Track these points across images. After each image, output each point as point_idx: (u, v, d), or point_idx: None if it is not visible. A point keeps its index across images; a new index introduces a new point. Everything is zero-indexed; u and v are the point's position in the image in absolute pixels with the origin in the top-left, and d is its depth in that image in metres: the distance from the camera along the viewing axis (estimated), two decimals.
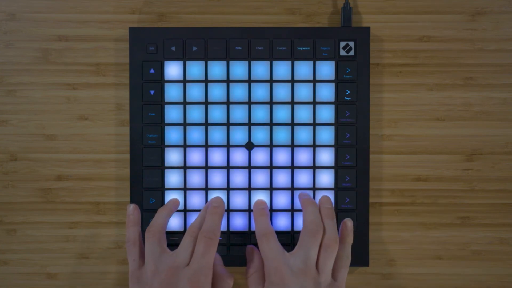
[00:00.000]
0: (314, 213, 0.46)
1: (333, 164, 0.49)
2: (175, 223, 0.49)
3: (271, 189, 0.49)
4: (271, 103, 0.49)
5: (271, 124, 0.49)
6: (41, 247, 0.52)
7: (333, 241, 0.45)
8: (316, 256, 0.44)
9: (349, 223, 0.47)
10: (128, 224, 0.47)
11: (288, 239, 0.49)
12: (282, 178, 0.49)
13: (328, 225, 0.46)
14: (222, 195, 0.49)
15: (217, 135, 0.49)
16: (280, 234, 0.49)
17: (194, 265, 0.43)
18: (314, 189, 0.49)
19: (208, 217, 0.45)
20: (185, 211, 0.49)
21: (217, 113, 0.49)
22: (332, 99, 0.49)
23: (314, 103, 0.49)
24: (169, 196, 0.49)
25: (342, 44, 0.49)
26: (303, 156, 0.49)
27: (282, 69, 0.49)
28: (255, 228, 0.46)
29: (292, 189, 0.49)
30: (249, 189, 0.49)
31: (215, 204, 0.47)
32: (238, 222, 0.49)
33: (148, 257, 0.44)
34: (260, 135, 0.49)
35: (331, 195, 0.49)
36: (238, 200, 0.49)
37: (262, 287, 0.44)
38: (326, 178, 0.49)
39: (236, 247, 0.49)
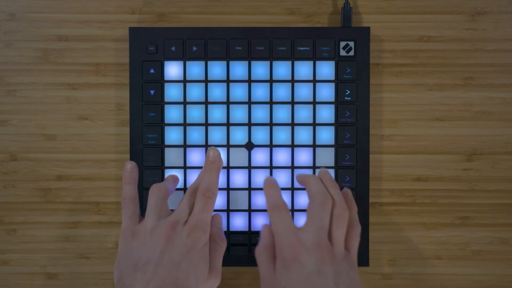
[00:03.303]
0: (318, 184, 0.44)
1: (333, 164, 0.49)
2: None
3: None
4: (271, 103, 0.49)
5: (271, 124, 0.49)
6: (41, 247, 0.52)
7: (343, 209, 0.43)
8: (328, 227, 0.42)
9: (349, 191, 0.45)
10: (124, 181, 0.45)
11: None
12: (282, 178, 0.49)
13: (335, 195, 0.44)
14: (222, 195, 0.49)
15: (217, 135, 0.49)
16: None
17: (192, 221, 0.42)
18: None
19: (205, 175, 0.45)
20: None
21: (217, 113, 0.49)
22: (332, 99, 0.49)
23: (314, 103, 0.49)
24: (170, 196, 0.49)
25: (342, 44, 0.49)
26: (303, 156, 0.49)
27: (282, 69, 0.49)
28: (266, 201, 0.44)
29: (292, 189, 0.49)
30: (249, 189, 0.49)
31: (211, 158, 0.45)
32: (238, 222, 0.49)
33: (150, 213, 0.43)
34: (260, 135, 0.49)
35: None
36: (239, 200, 0.49)
37: (273, 265, 0.42)
38: None
39: (236, 247, 0.49)
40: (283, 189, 0.49)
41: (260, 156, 0.49)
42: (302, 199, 0.49)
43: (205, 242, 0.43)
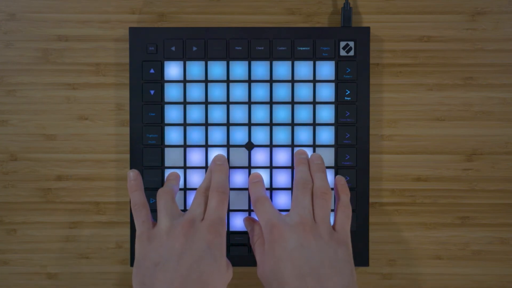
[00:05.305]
0: (303, 171, 0.46)
1: (333, 164, 0.49)
2: None
3: (271, 189, 0.49)
4: (271, 103, 0.49)
5: (271, 124, 0.49)
6: (41, 247, 0.52)
7: (324, 188, 0.45)
8: (310, 207, 0.44)
9: (340, 178, 0.47)
10: (131, 189, 0.45)
11: None
12: (282, 178, 0.49)
13: (318, 177, 0.46)
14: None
15: (217, 135, 0.49)
16: None
17: (210, 216, 0.43)
18: None
19: (215, 174, 0.46)
20: (185, 211, 0.49)
21: (217, 113, 0.49)
22: (332, 99, 0.49)
23: (314, 103, 0.49)
24: None
25: (342, 44, 0.49)
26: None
27: (282, 69, 0.49)
28: (250, 196, 0.47)
29: (292, 189, 0.49)
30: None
31: (218, 162, 0.47)
32: (238, 222, 0.49)
33: (162, 215, 0.44)
34: (260, 135, 0.49)
35: (331, 195, 0.49)
36: (239, 200, 0.49)
37: (264, 250, 0.44)
38: None
39: (236, 247, 0.49)
40: (283, 189, 0.49)
41: (260, 156, 0.49)
42: None
43: (224, 237, 0.43)
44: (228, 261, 0.44)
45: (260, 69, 0.49)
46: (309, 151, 0.49)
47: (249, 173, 0.49)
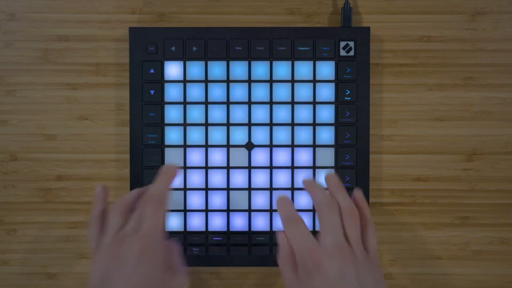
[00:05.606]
0: (322, 192, 0.44)
1: (333, 164, 0.49)
2: (175, 223, 0.49)
3: (271, 189, 0.49)
4: (271, 103, 0.49)
5: (271, 124, 0.49)
6: (41, 247, 0.52)
7: (350, 207, 0.43)
8: (342, 229, 0.42)
9: (359, 192, 0.45)
10: (93, 202, 0.44)
11: None
12: (282, 178, 0.49)
13: (340, 197, 0.44)
14: (222, 195, 0.49)
15: (217, 135, 0.49)
16: None
17: (140, 230, 0.40)
18: None
19: (153, 184, 0.43)
20: (185, 211, 0.49)
21: (217, 113, 0.49)
22: (332, 99, 0.49)
23: (314, 103, 0.49)
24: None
25: (342, 44, 0.49)
26: (303, 156, 0.49)
27: (282, 69, 0.49)
28: (280, 216, 0.43)
29: (292, 189, 0.49)
30: (249, 189, 0.49)
31: (164, 169, 0.44)
32: (238, 222, 0.49)
33: (107, 231, 0.42)
34: (260, 135, 0.49)
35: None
36: (239, 200, 0.49)
37: (296, 272, 0.42)
38: None
39: (236, 247, 0.49)
40: (283, 189, 0.49)
41: (260, 156, 0.49)
42: (303, 199, 0.49)
43: (159, 243, 0.40)
44: (175, 267, 0.42)
45: (260, 69, 0.49)
46: (309, 152, 0.49)
47: (249, 173, 0.49)
